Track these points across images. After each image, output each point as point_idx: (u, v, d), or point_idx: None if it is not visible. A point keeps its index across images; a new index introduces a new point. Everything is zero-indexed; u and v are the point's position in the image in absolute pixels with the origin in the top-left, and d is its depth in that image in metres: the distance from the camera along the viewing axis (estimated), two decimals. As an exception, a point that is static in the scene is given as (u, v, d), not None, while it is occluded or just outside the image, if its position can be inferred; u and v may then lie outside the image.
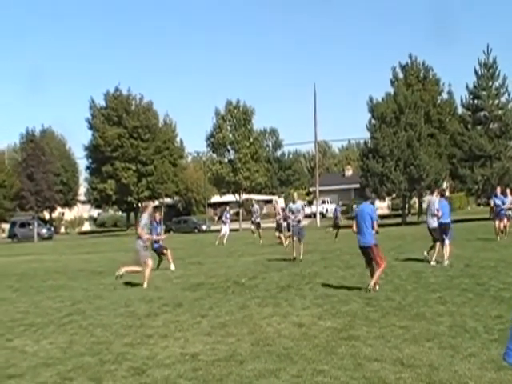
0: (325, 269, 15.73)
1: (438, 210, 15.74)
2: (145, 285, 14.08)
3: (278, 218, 26.81)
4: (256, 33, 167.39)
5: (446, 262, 14.88)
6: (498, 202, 22.19)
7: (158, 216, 18.18)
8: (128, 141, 56.06)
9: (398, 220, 46.71)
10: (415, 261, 16.49)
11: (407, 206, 52.05)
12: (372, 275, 11.67)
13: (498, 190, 23.15)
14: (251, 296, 11.58)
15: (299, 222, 18.88)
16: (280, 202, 62.30)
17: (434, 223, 16.09)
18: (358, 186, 49.70)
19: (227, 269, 17.19)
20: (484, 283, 11.55)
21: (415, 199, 56.26)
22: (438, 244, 15.83)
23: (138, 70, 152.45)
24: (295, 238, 18.68)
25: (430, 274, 13.55)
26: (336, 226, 29.94)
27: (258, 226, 30.03)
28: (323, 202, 68.04)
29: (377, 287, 11.43)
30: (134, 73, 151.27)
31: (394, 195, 47.50)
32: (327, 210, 67.55)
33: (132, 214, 64.30)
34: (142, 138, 56.56)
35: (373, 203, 12.59)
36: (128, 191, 56.49)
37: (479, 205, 62.50)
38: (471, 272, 13.39)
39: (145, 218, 14.71)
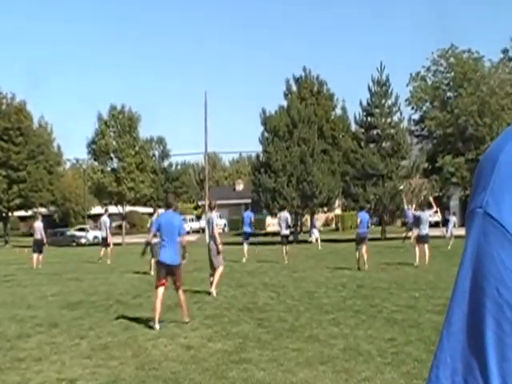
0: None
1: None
2: (214, 292, 13.86)
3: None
4: (144, 32, 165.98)
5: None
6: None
7: None
8: (-3, 143, 53.77)
9: (290, 238, 47.56)
10: (308, 280, 16.87)
11: (299, 223, 53.15)
12: None
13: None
14: (135, 316, 11.37)
15: None
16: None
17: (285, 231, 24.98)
18: (249, 201, 50.18)
19: (109, 286, 16.80)
20: (377, 305, 11.98)
21: (307, 216, 57.58)
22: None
23: (9, 67, 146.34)
24: None
25: (322, 294, 13.89)
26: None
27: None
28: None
29: None
30: (4, 69, 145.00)
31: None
32: (217, 226, 67.67)
33: (0, 224, 61.54)
34: (14, 140, 54.38)
35: None
36: (-4, 199, 54.08)
37: (371, 224, 64.91)
38: (364, 293, 13.86)
39: (215, 218, 14.94)
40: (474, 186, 0.78)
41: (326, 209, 50.55)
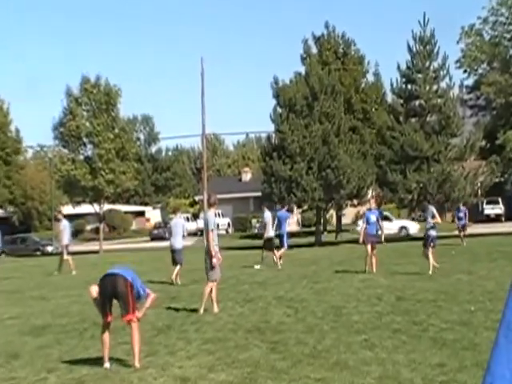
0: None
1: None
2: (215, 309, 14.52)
3: None
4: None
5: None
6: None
7: None
8: None
9: (311, 239, 47.55)
10: (333, 292, 16.86)
11: (322, 220, 53.09)
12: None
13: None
14: (117, 341, 11.39)
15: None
16: (155, 214, 62.03)
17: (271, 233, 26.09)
18: (259, 194, 50.11)
19: (83, 305, 16.81)
20: (421, 322, 11.96)
21: (332, 212, 57.47)
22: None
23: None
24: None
25: (352, 309, 13.89)
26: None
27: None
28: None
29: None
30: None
31: (305, 207, 48.32)
32: (218, 226, 67.99)
33: None
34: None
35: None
36: None
37: (413, 219, 64.65)
38: (405, 307, 13.84)
39: (213, 217, 15.02)
40: None
41: (355, 202, 50.45)
